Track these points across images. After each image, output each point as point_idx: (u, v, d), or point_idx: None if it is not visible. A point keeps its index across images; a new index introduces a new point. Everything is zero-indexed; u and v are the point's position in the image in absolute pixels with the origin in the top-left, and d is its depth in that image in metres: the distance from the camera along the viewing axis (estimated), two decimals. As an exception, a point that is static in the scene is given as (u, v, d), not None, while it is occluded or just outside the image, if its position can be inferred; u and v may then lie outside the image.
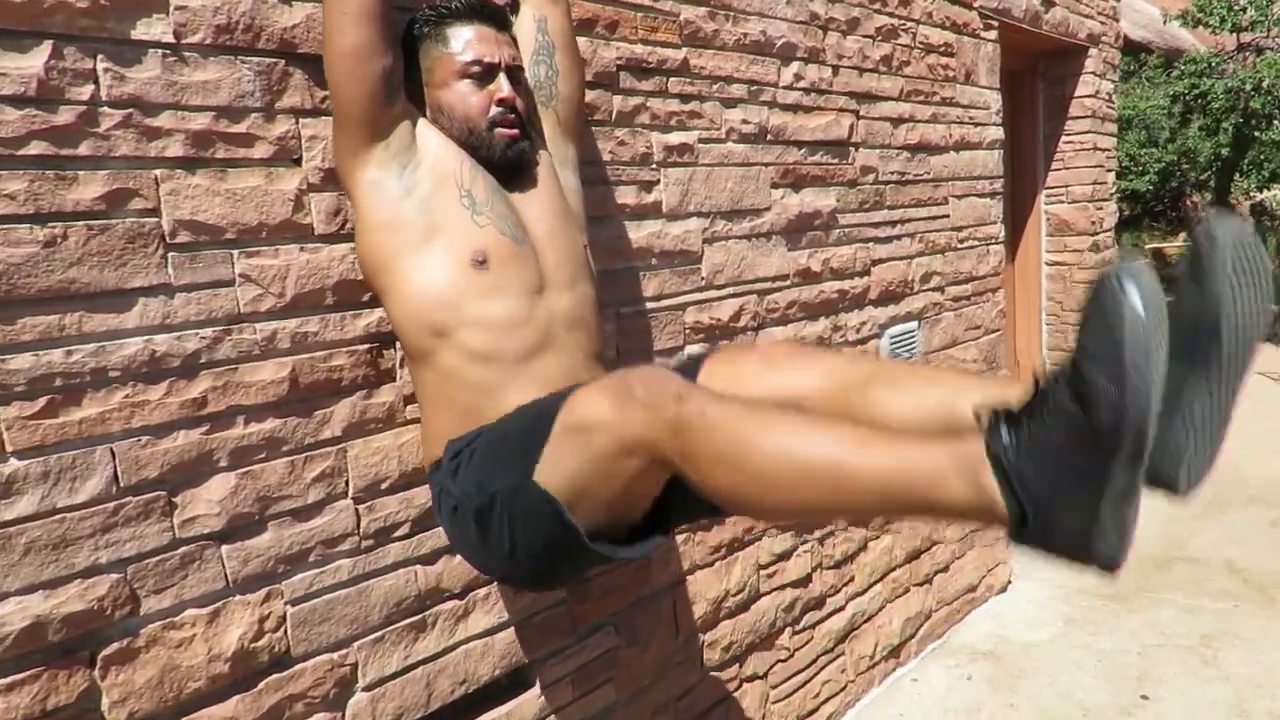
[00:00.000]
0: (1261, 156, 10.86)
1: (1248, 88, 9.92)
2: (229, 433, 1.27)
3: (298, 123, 1.32)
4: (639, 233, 1.86)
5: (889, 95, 2.58)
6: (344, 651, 1.42)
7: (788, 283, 2.26)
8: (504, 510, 1.18)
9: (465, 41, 1.33)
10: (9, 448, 1.08)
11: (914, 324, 2.74)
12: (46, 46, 1.08)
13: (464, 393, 1.32)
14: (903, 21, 2.62)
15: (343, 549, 1.41)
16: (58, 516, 1.12)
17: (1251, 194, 13.11)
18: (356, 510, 1.43)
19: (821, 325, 2.37)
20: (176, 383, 1.22)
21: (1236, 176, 12.02)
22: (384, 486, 1.46)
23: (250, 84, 1.27)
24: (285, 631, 1.35)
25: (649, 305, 1.90)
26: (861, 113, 2.47)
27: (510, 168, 1.37)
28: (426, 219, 1.30)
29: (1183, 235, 12.73)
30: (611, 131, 1.80)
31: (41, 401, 1.10)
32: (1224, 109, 10.31)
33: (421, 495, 1.50)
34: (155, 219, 1.19)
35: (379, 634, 1.46)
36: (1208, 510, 4.06)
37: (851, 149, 2.45)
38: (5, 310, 1.07)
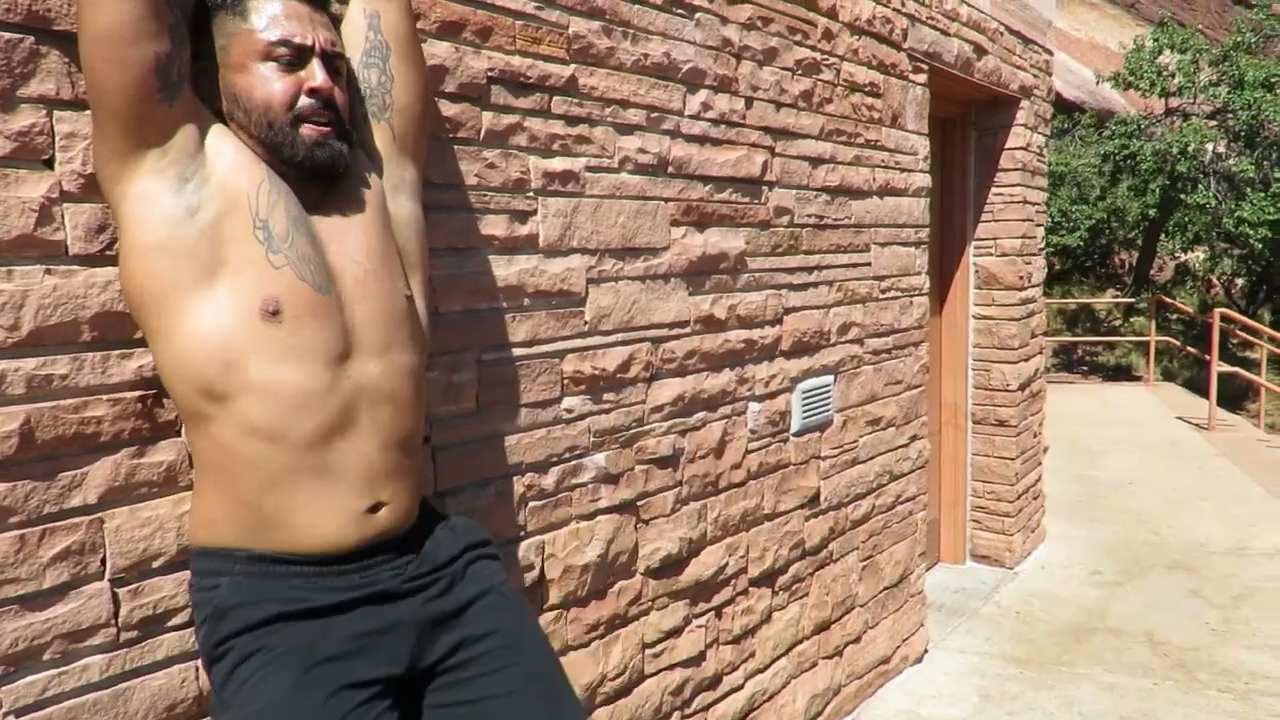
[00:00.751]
0: (1186, 219, 11.16)
1: (1174, 151, 10.19)
2: (-73, 501, 1.00)
3: (50, 115, 1.07)
4: (509, 269, 1.64)
5: (808, 133, 2.41)
6: (89, 772, 1.14)
7: (687, 330, 2.05)
8: None
9: (271, 17, 1.09)
10: None
11: (829, 378, 2.56)
12: None
13: (243, 475, 1.08)
14: (825, 56, 2.47)
15: (93, 643, 1.14)
16: None
17: (1176, 254, 13.50)
18: (115, 595, 1.16)
19: (725, 378, 2.17)
20: None
21: (1162, 237, 12.34)
22: (156, 565, 1.19)
23: (-19, 63, 1.01)
24: (2, 751, 1.07)
25: (518, 351, 1.67)
26: (777, 149, 2.29)
27: (318, 175, 1.12)
28: (211, 250, 1.05)
29: (1110, 291, 12.99)
30: (479, 152, 1.57)
31: None
32: (1152, 170, 10.59)
33: (207, 575, 1.23)
34: None
35: (140, 748, 1.18)
36: (1128, 576, 3.96)
37: (764, 188, 2.26)
38: None
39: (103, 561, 1.15)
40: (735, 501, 2.23)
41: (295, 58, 1.09)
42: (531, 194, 1.67)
